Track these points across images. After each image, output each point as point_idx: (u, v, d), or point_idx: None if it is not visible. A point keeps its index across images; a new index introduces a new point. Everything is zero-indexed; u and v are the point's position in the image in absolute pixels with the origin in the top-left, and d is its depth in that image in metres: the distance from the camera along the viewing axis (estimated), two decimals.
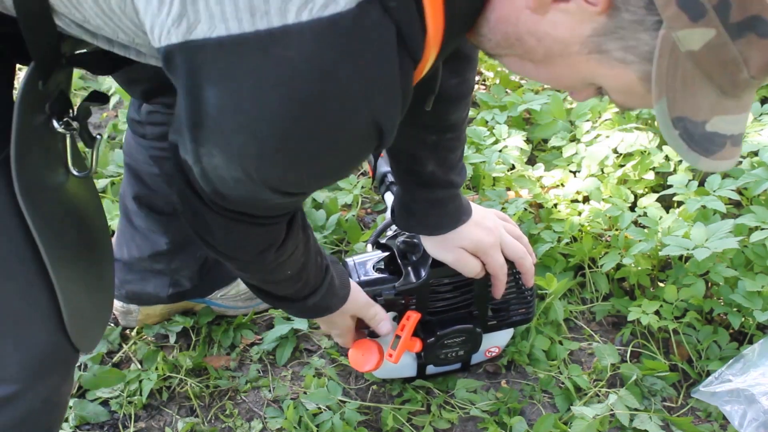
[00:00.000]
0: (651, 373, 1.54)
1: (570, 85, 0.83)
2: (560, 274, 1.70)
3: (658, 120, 0.75)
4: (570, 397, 1.51)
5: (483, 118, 2.05)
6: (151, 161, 1.44)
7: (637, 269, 1.66)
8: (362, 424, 1.48)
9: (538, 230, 1.74)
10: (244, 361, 1.62)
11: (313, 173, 0.83)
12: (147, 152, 1.43)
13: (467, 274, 1.34)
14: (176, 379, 1.55)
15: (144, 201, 1.48)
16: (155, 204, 1.48)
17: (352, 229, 1.81)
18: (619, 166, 1.85)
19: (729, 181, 1.65)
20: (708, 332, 1.59)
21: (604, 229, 1.71)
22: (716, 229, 1.52)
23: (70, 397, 1.53)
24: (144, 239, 1.52)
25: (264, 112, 0.73)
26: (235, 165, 0.78)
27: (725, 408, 1.44)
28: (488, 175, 1.90)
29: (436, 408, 1.50)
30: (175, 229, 1.50)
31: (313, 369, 1.58)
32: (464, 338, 1.42)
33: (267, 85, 0.71)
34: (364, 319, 1.33)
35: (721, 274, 1.53)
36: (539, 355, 1.58)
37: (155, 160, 1.43)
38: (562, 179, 1.86)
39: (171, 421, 1.50)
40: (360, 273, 1.37)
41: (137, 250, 1.54)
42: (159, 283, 1.58)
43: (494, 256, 1.32)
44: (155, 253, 1.52)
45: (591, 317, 1.70)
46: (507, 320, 1.46)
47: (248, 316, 1.67)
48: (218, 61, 0.71)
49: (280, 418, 1.49)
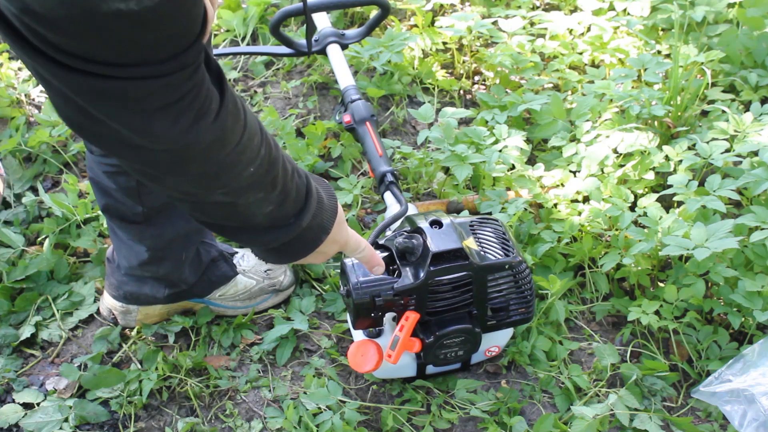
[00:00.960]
0: (651, 373, 1.54)
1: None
2: (560, 274, 1.70)
3: None
4: (570, 397, 1.51)
5: (483, 118, 2.05)
6: (106, 176, 1.43)
7: (637, 269, 1.66)
8: (362, 424, 1.48)
9: (538, 230, 1.74)
10: (244, 361, 1.62)
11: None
12: (99, 168, 1.43)
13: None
14: (176, 379, 1.56)
15: (113, 212, 1.49)
16: (125, 214, 1.48)
17: (353, 229, 1.81)
18: (619, 166, 1.85)
19: (729, 181, 1.65)
20: (708, 332, 1.59)
21: (604, 229, 1.70)
22: (716, 229, 1.52)
23: (71, 397, 1.53)
24: (129, 249, 1.53)
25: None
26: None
27: (725, 408, 1.44)
28: (488, 175, 1.90)
29: (436, 408, 1.50)
30: (149, 237, 1.50)
31: (313, 369, 1.58)
32: (463, 338, 1.41)
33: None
34: (349, 249, 1.22)
35: (721, 274, 1.53)
36: (539, 355, 1.58)
37: (108, 176, 1.43)
38: (562, 179, 1.86)
39: (171, 421, 1.51)
40: (359, 273, 1.37)
41: (125, 259, 1.56)
42: (155, 284, 1.59)
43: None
44: (141, 263, 1.54)
45: (591, 317, 1.70)
46: (506, 320, 1.46)
47: (248, 316, 1.67)
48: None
49: (280, 418, 1.49)
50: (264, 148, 0.93)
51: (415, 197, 1.96)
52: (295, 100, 2.27)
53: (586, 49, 2.30)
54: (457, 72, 2.36)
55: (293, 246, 1.08)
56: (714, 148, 1.74)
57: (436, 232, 1.38)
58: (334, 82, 2.21)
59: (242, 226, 1.02)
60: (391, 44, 2.21)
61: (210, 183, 0.91)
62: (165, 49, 0.74)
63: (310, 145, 2.02)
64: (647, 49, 2.27)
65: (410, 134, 2.18)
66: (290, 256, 1.11)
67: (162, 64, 0.74)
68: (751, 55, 2.17)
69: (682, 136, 1.91)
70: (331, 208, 1.11)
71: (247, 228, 1.02)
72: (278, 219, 1.02)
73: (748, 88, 2.11)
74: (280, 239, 1.05)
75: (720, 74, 2.18)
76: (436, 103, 2.22)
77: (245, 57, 2.41)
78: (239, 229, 1.02)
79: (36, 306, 1.70)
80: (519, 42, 2.28)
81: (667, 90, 1.99)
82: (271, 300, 1.71)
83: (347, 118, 1.91)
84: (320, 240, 1.10)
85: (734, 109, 1.97)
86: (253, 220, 1.00)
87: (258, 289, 1.68)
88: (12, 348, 1.63)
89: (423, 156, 1.96)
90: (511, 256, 1.40)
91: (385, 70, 2.27)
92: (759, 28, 2.18)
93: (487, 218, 1.49)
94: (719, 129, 1.82)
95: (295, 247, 1.09)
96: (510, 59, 2.22)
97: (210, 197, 0.94)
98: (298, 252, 1.10)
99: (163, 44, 0.74)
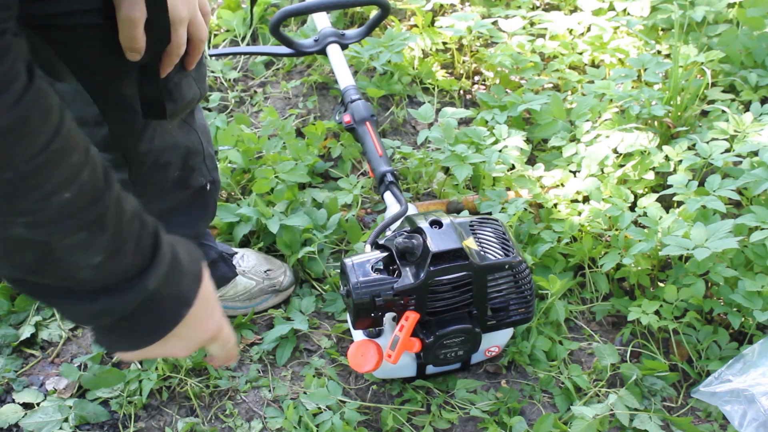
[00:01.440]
0: (651, 373, 1.54)
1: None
2: (560, 274, 1.70)
3: None
4: (570, 397, 1.51)
5: (483, 118, 2.05)
6: None
7: (637, 269, 1.66)
8: (362, 424, 1.48)
9: (538, 230, 1.74)
10: (244, 361, 1.62)
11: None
12: None
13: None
14: (176, 379, 1.56)
15: None
16: None
17: (353, 229, 1.82)
18: (619, 166, 1.85)
19: (729, 181, 1.65)
20: (708, 332, 1.59)
21: (604, 229, 1.70)
22: (716, 229, 1.52)
23: (70, 397, 1.53)
24: None
25: None
26: None
27: (725, 408, 1.44)
28: (488, 175, 1.90)
29: (436, 408, 1.50)
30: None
31: (313, 369, 1.58)
32: (463, 338, 1.41)
33: None
34: (221, 340, 0.94)
35: (721, 274, 1.53)
36: (539, 355, 1.59)
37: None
38: (562, 179, 1.86)
39: (171, 421, 1.51)
40: (359, 273, 1.37)
41: None
42: None
43: (179, 32, 1.12)
44: None
45: (591, 317, 1.70)
46: (506, 320, 1.46)
47: (248, 316, 1.67)
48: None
49: (280, 418, 1.49)
50: (88, 173, 0.71)
51: (415, 197, 1.96)
52: (295, 100, 2.27)
53: (586, 49, 2.30)
54: (457, 72, 2.36)
55: (138, 322, 0.80)
56: (714, 148, 1.74)
57: (436, 232, 1.38)
58: (334, 82, 2.21)
59: (61, 284, 0.76)
60: (391, 44, 2.21)
61: (7, 199, 0.67)
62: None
63: (310, 145, 2.02)
64: (647, 49, 2.27)
65: (410, 134, 2.18)
66: (133, 339, 0.83)
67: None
68: (751, 55, 2.17)
69: (682, 136, 1.91)
70: (193, 273, 0.85)
71: (69, 287, 0.76)
72: (112, 275, 0.76)
73: (748, 88, 2.12)
74: (116, 309, 0.77)
75: (720, 74, 2.18)
76: (436, 103, 2.22)
77: (245, 57, 2.41)
78: (58, 289, 0.76)
79: (36, 306, 1.70)
80: (519, 42, 2.28)
81: (667, 90, 1.99)
82: (271, 300, 1.71)
83: (347, 118, 1.91)
84: (179, 315, 0.83)
85: (734, 109, 1.97)
86: (75, 273, 0.74)
87: (258, 289, 1.68)
88: (12, 348, 1.63)
89: (423, 156, 1.96)
90: (511, 256, 1.40)
91: (385, 70, 2.27)
92: (759, 28, 2.18)
93: (487, 218, 1.49)
94: (719, 129, 1.82)
95: (140, 324, 0.81)
96: (510, 59, 2.22)
97: (9, 228, 0.69)
98: (145, 332, 0.82)
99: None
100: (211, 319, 0.89)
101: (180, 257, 0.83)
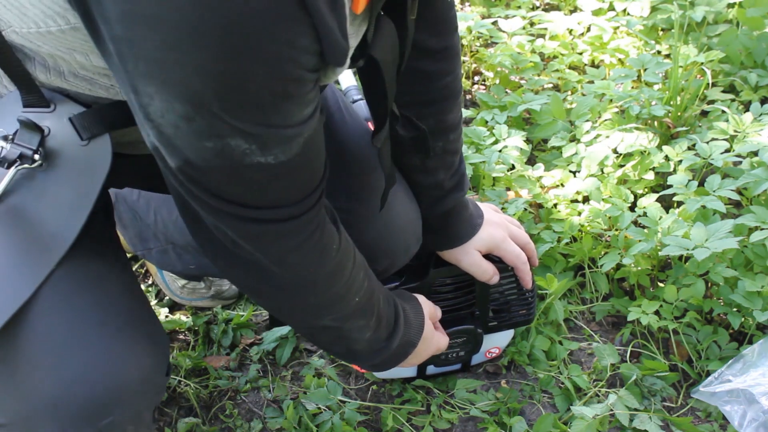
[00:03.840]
0: (651, 373, 1.54)
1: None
2: (560, 274, 1.70)
3: None
4: (570, 397, 1.51)
5: (483, 118, 2.05)
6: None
7: (636, 269, 1.66)
8: (362, 424, 1.48)
9: (538, 230, 1.74)
10: (244, 361, 1.62)
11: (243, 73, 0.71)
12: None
13: (481, 278, 1.33)
14: (176, 380, 1.55)
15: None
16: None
17: None
18: (618, 166, 1.85)
19: (729, 181, 1.65)
20: (708, 332, 1.59)
21: (604, 229, 1.71)
22: (716, 229, 1.52)
23: None
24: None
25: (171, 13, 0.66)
26: (168, 91, 0.71)
27: (725, 408, 1.44)
28: (488, 175, 1.90)
29: (436, 408, 1.50)
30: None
31: (313, 369, 1.58)
32: (465, 339, 1.42)
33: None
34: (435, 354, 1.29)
35: (721, 274, 1.53)
36: (539, 355, 1.59)
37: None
38: (561, 179, 1.86)
39: (171, 421, 1.50)
40: None
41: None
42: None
43: (509, 249, 1.32)
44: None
45: (591, 317, 1.70)
46: (508, 321, 1.46)
47: (246, 315, 1.67)
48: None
49: (280, 418, 1.49)
50: (366, 280, 1.05)
51: None
52: None
53: (586, 49, 2.31)
54: None
55: (384, 361, 1.18)
56: (714, 148, 1.74)
57: None
58: (336, 82, 2.21)
59: (346, 353, 1.13)
60: None
61: (321, 312, 1.02)
62: (294, 194, 0.87)
63: None
64: (647, 49, 2.28)
65: None
66: (378, 369, 1.21)
67: (291, 206, 0.87)
68: (751, 55, 2.17)
69: (682, 136, 1.91)
70: (418, 324, 1.19)
71: (349, 354, 1.14)
72: (374, 343, 1.12)
73: (748, 88, 2.12)
74: (373, 360, 1.15)
75: (720, 74, 2.18)
76: None
77: None
78: (342, 356, 1.16)
79: None
80: (519, 42, 2.28)
81: (667, 90, 1.99)
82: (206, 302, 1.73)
83: None
84: (408, 354, 1.19)
85: (734, 109, 1.97)
86: (354, 346, 1.10)
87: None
88: None
89: None
90: None
91: None
92: (759, 28, 2.18)
93: None
94: (719, 129, 1.82)
95: (385, 362, 1.18)
96: (510, 59, 2.22)
97: (320, 320, 1.04)
98: (386, 364, 1.19)
99: (293, 190, 0.87)
100: (428, 350, 1.25)
101: (409, 315, 1.17)
